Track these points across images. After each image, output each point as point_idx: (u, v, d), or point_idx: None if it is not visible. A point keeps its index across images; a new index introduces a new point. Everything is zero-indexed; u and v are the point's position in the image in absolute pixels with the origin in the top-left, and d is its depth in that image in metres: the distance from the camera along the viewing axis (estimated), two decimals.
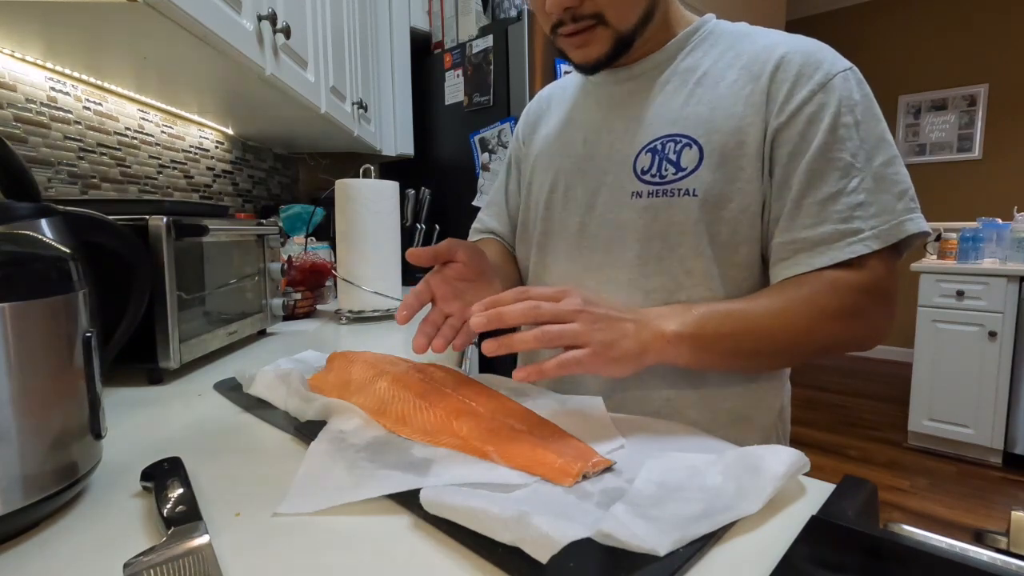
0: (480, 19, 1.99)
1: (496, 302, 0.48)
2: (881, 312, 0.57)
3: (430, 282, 0.60)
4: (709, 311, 0.55)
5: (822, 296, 0.55)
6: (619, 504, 0.35)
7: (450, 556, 0.33)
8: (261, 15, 0.95)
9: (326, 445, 0.46)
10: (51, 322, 0.38)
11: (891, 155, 0.57)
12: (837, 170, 0.56)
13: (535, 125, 0.83)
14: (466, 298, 0.61)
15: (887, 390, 3.58)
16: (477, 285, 0.63)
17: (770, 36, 0.63)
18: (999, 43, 3.94)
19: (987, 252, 2.66)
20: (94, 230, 0.55)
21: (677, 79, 0.65)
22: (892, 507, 2.18)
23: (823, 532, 0.34)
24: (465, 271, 0.61)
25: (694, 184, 0.60)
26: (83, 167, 1.06)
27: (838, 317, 0.55)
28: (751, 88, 0.59)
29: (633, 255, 0.64)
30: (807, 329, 0.55)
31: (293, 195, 2.08)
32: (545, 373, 0.46)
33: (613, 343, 0.48)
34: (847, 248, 0.54)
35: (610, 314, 0.50)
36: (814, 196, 0.56)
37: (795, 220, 0.57)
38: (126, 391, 0.69)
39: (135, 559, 0.31)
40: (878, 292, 0.56)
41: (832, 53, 0.59)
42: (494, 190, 0.91)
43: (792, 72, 0.58)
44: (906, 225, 0.55)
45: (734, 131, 0.59)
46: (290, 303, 1.19)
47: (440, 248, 0.60)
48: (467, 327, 0.60)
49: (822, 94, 0.56)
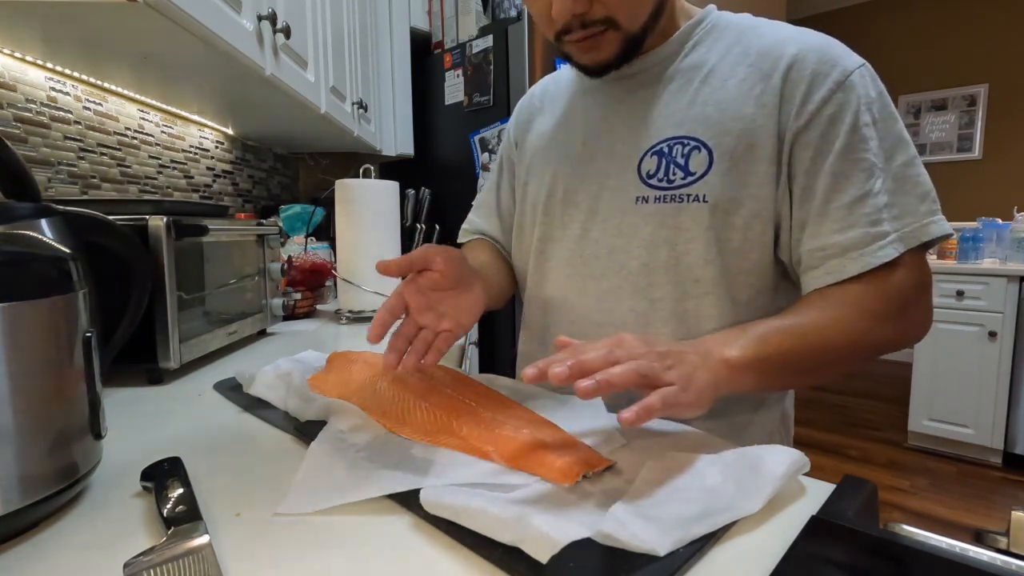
0: (480, 19, 1.99)
1: (551, 362, 0.42)
2: (925, 306, 0.56)
3: (403, 293, 0.56)
4: (766, 331, 0.52)
5: (869, 300, 0.53)
6: (619, 504, 0.35)
7: (450, 556, 0.33)
8: (261, 15, 0.95)
9: (326, 445, 0.46)
10: (51, 322, 0.38)
11: (911, 155, 0.56)
12: (863, 171, 0.54)
13: (528, 124, 0.79)
14: (441, 308, 0.58)
15: (887, 390, 3.58)
16: (453, 294, 0.59)
17: (777, 30, 0.61)
18: (999, 43, 3.94)
19: (987, 252, 2.66)
20: (94, 230, 0.55)
21: (681, 77, 0.63)
22: (892, 507, 2.18)
23: (823, 532, 0.34)
24: (441, 280, 0.56)
25: (704, 190, 0.58)
26: (83, 167, 1.06)
27: (889, 319, 0.54)
28: (761, 88, 0.57)
29: (638, 263, 0.62)
30: (862, 334, 0.53)
31: (293, 195, 2.08)
32: (652, 412, 0.40)
33: (691, 377, 0.45)
34: (879, 252, 0.53)
35: (671, 349, 0.46)
36: (840, 199, 0.54)
37: (823, 225, 0.55)
38: (126, 391, 0.69)
39: (135, 559, 0.31)
40: (921, 288, 0.55)
41: (844, 48, 0.58)
42: (485, 190, 0.88)
43: (807, 71, 0.56)
44: (930, 228, 0.54)
45: (744, 133, 0.57)
46: (290, 303, 1.19)
47: (414, 257, 0.56)
48: (441, 340, 0.58)
49: (841, 93, 0.55)
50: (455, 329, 0.59)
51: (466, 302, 0.60)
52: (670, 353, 0.45)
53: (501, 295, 0.77)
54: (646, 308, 0.62)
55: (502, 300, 0.78)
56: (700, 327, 0.61)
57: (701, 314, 0.61)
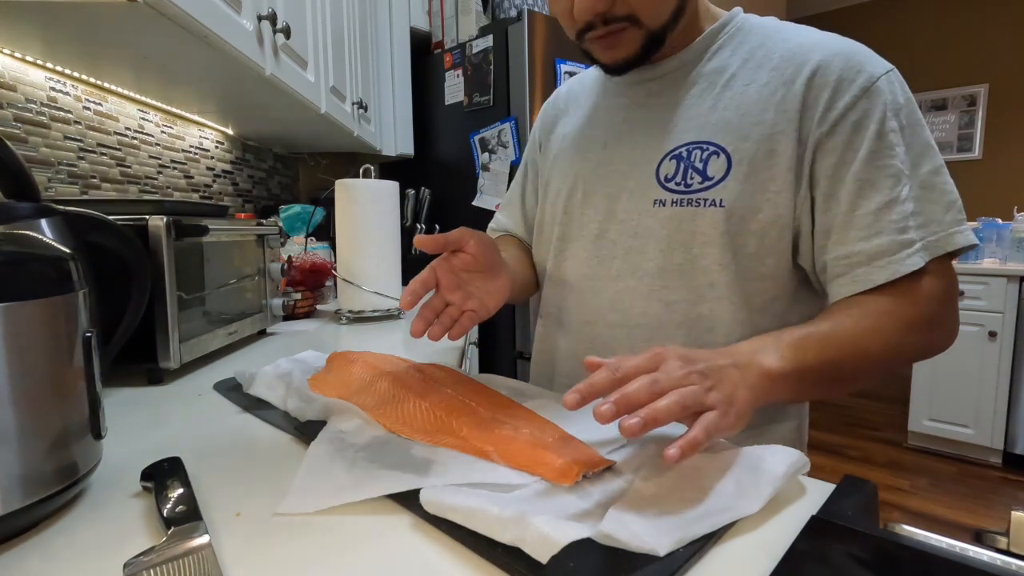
0: (480, 19, 1.99)
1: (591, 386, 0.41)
2: (954, 314, 0.56)
3: (436, 269, 0.58)
4: (803, 339, 0.50)
5: (902, 309, 0.53)
6: (619, 504, 0.35)
7: (450, 556, 0.33)
8: (261, 15, 0.94)
9: (326, 445, 0.46)
10: (51, 322, 0.38)
11: (938, 163, 0.55)
12: (890, 177, 0.53)
13: (552, 125, 0.80)
14: (469, 289, 0.60)
15: (887, 390, 3.57)
16: (482, 277, 0.61)
17: (803, 35, 0.60)
18: (999, 43, 3.94)
19: (987, 252, 2.66)
20: (94, 230, 0.55)
21: (704, 81, 0.62)
22: (892, 507, 2.18)
23: (823, 532, 0.34)
24: (472, 262, 0.59)
25: (721, 195, 0.58)
26: (83, 167, 1.06)
27: (921, 328, 0.53)
28: (783, 93, 0.57)
29: (654, 265, 0.62)
30: (898, 343, 0.53)
31: (293, 195, 2.08)
32: (697, 447, 0.39)
33: (732, 397, 0.43)
34: (907, 261, 0.52)
35: (711, 366, 0.44)
36: (866, 206, 0.54)
37: (848, 232, 0.55)
38: (126, 391, 0.69)
39: (135, 559, 0.31)
40: (949, 297, 0.55)
41: (871, 54, 0.57)
42: (511, 190, 0.89)
43: (832, 78, 0.55)
44: (955, 238, 0.53)
45: (764, 139, 0.57)
46: (290, 303, 1.19)
47: (451, 236, 0.58)
48: (466, 318, 0.58)
49: (865, 100, 0.54)
50: (479, 310, 0.60)
51: (493, 286, 0.61)
52: (710, 372, 0.43)
53: (524, 289, 0.79)
54: (661, 310, 0.62)
55: (525, 295, 0.80)
56: (714, 331, 0.61)
57: (715, 318, 0.60)
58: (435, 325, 0.57)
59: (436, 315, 0.58)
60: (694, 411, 0.40)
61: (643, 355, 0.43)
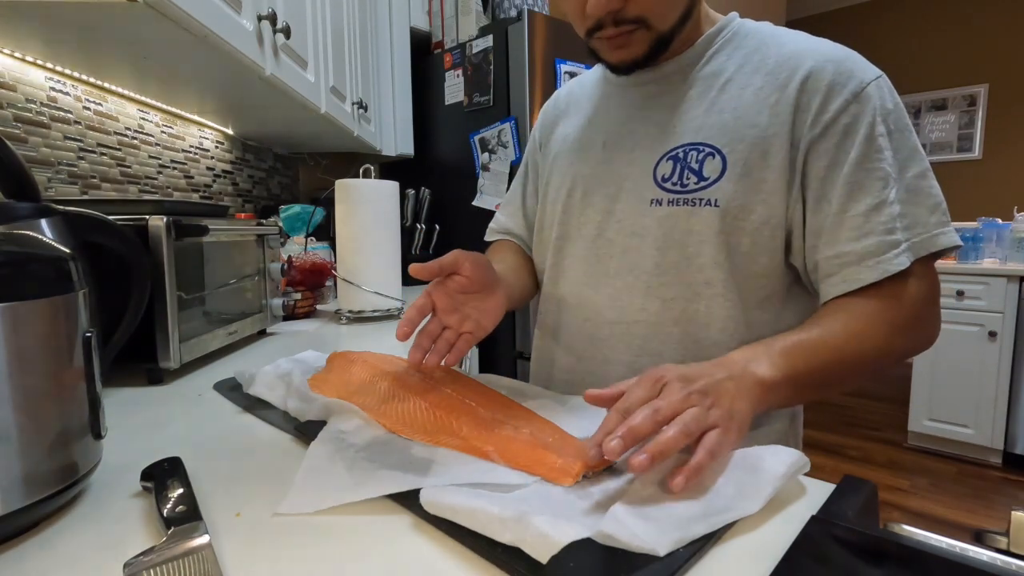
0: (480, 19, 1.99)
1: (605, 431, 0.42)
2: (937, 314, 0.58)
3: (432, 294, 0.61)
4: (794, 346, 0.52)
5: (890, 311, 0.54)
6: (619, 504, 0.35)
7: (450, 556, 0.33)
8: (261, 15, 0.95)
9: (326, 445, 0.46)
10: (51, 322, 0.38)
11: (924, 167, 0.57)
12: (878, 180, 0.55)
13: (552, 126, 0.81)
14: (465, 310, 0.62)
15: (887, 390, 3.57)
16: (478, 297, 0.63)
17: (797, 41, 0.61)
18: (999, 43, 3.94)
19: (987, 252, 2.66)
20: (94, 230, 0.55)
21: (701, 84, 0.64)
22: (892, 507, 2.18)
23: (823, 532, 0.34)
24: (468, 284, 0.60)
25: (716, 195, 0.59)
26: (83, 167, 1.06)
27: (906, 329, 0.55)
28: (776, 97, 0.58)
29: (651, 263, 0.63)
30: (886, 345, 0.54)
31: (293, 195, 2.08)
32: (702, 471, 0.40)
33: (731, 412, 0.44)
34: (895, 260, 0.54)
35: (710, 383, 0.45)
36: (856, 208, 0.55)
37: (839, 233, 0.56)
38: (126, 391, 0.69)
39: (135, 559, 0.31)
40: (933, 296, 0.57)
41: (862, 60, 0.59)
42: (511, 190, 0.90)
43: (824, 83, 0.57)
44: (939, 239, 0.55)
45: (758, 141, 0.58)
46: (290, 303, 1.19)
47: (445, 261, 0.60)
48: (462, 341, 0.61)
49: (856, 104, 0.56)
50: (476, 331, 0.62)
51: (489, 305, 0.64)
52: (709, 389, 0.44)
53: (523, 296, 0.80)
54: (658, 307, 0.63)
55: (525, 300, 0.81)
56: (711, 327, 0.62)
57: (712, 315, 0.62)
58: (431, 353, 0.60)
59: (432, 341, 0.61)
60: (699, 434, 0.41)
61: (643, 381, 0.45)
